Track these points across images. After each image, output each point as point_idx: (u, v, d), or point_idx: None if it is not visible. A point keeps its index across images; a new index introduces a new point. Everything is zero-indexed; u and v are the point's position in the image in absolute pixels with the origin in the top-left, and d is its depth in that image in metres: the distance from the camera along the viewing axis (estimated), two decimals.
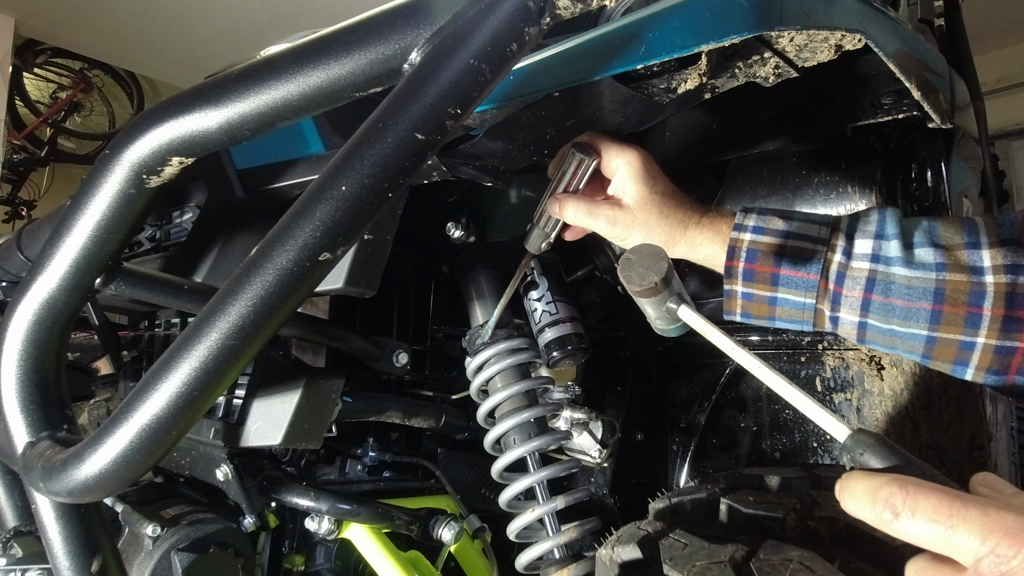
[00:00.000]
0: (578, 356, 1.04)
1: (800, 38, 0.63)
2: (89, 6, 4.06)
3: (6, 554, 0.85)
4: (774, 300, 0.70)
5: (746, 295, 0.71)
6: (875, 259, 0.65)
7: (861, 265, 0.66)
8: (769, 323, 0.73)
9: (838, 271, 0.67)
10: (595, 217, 0.76)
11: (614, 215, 0.75)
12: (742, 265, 0.70)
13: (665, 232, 0.74)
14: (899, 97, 0.83)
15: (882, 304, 0.64)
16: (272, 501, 0.94)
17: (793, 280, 0.68)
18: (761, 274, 0.70)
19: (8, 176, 4.87)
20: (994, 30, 4.55)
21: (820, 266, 0.67)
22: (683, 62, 0.65)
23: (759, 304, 0.71)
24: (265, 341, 0.49)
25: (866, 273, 0.65)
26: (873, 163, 1.01)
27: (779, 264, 0.69)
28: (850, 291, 0.66)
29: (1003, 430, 1.04)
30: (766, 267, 0.69)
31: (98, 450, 0.50)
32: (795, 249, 0.68)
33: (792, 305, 0.70)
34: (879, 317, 0.65)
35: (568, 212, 0.77)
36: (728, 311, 0.74)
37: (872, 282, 0.65)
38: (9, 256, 0.95)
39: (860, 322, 0.66)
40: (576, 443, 1.18)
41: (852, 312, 0.66)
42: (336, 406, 0.90)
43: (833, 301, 0.67)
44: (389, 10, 0.50)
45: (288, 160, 0.83)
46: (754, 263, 0.70)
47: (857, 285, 0.65)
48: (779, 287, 0.69)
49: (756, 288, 0.70)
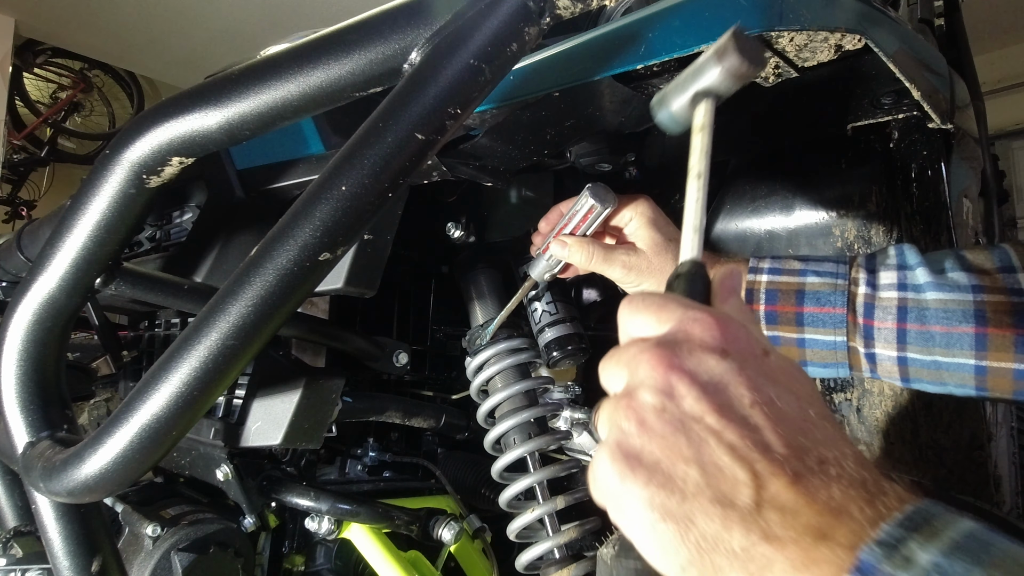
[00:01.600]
0: (578, 356, 1.04)
1: (800, 38, 0.63)
2: (89, 6, 4.06)
3: (6, 554, 0.85)
4: (802, 342, 0.66)
5: (772, 339, 0.67)
6: (903, 287, 0.61)
7: (889, 295, 0.61)
8: None
9: (865, 303, 0.62)
10: (611, 263, 0.74)
11: (630, 261, 0.74)
12: (763, 308, 0.67)
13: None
14: (899, 97, 0.83)
15: (920, 333, 0.59)
16: (272, 501, 0.94)
17: (819, 317, 0.64)
18: (784, 315, 0.66)
19: (8, 176, 4.87)
20: (994, 30, 4.55)
21: (845, 299, 0.63)
22: (683, 62, 0.65)
23: (787, 348, 0.66)
24: (265, 341, 0.49)
25: (896, 302, 0.61)
26: (873, 163, 1.01)
27: (802, 302, 0.65)
28: (882, 322, 0.61)
29: (1003, 430, 1.04)
30: (789, 307, 0.66)
31: (98, 450, 0.50)
32: (816, 285, 0.65)
33: (822, 345, 0.65)
34: (919, 348, 0.59)
35: (582, 256, 0.75)
36: None
37: (904, 310, 0.60)
38: (9, 256, 0.95)
39: (900, 357, 0.61)
40: (576, 443, 1.18)
41: (888, 346, 0.61)
42: (336, 406, 0.90)
43: (865, 336, 0.62)
44: (389, 10, 0.50)
45: (288, 160, 0.83)
46: (775, 304, 0.66)
47: (888, 315, 0.61)
48: (805, 327, 0.65)
49: (782, 331, 0.66)
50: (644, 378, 0.33)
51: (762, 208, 1.11)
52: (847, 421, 1.08)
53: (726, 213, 1.15)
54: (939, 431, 0.99)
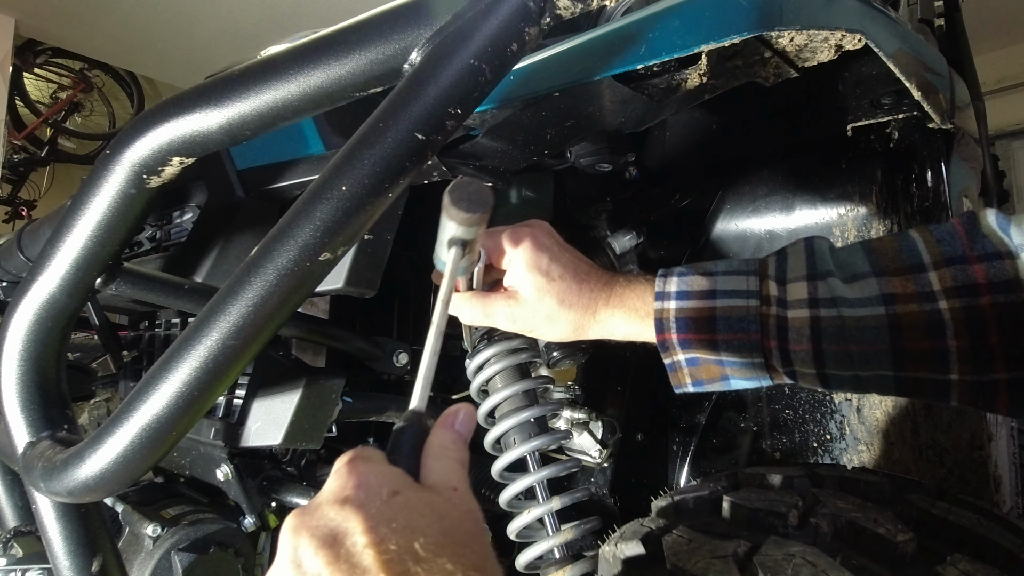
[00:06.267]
0: (578, 356, 1.04)
1: (800, 38, 0.63)
2: (89, 6, 4.06)
3: (6, 554, 0.85)
4: (721, 363, 0.62)
5: (691, 360, 0.64)
6: (813, 304, 0.57)
7: (800, 313, 0.58)
8: (724, 385, 0.64)
9: (778, 325, 0.59)
10: (492, 316, 0.69)
11: (512, 312, 0.67)
12: (675, 337, 0.63)
13: (572, 321, 0.66)
14: (899, 97, 0.83)
15: (836, 353, 0.56)
16: (272, 501, 0.94)
17: (734, 343, 0.60)
18: (699, 342, 0.62)
19: (8, 176, 4.87)
20: (994, 30, 4.55)
21: (758, 324, 0.59)
22: (683, 62, 0.65)
23: (708, 367, 0.63)
24: (265, 341, 0.49)
25: (808, 322, 0.57)
26: (873, 163, 1.01)
27: (714, 330, 0.61)
28: (797, 344, 0.58)
29: (1003, 430, 1.04)
30: (702, 335, 0.62)
31: (98, 450, 0.50)
32: (727, 311, 0.61)
33: (742, 366, 0.61)
34: (838, 366, 0.57)
35: (464, 314, 0.70)
36: (678, 385, 0.66)
37: (819, 332, 0.57)
38: (9, 256, 0.95)
39: (819, 374, 0.58)
40: (576, 443, 1.18)
41: (807, 365, 0.58)
42: (336, 406, 0.90)
43: (782, 357, 0.59)
44: (389, 10, 0.50)
45: (288, 160, 0.83)
46: (687, 333, 0.62)
47: (803, 337, 0.57)
48: (722, 352, 0.61)
49: (699, 353, 0.63)
50: (281, 548, 0.37)
51: (762, 208, 1.11)
52: (847, 421, 1.08)
53: (726, 213, 1.15)
54: (939, 431, 0.99)
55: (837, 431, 1.09)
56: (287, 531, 0.37)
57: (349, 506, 0.36)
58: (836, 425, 1.09)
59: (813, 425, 1.12)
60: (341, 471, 0.39)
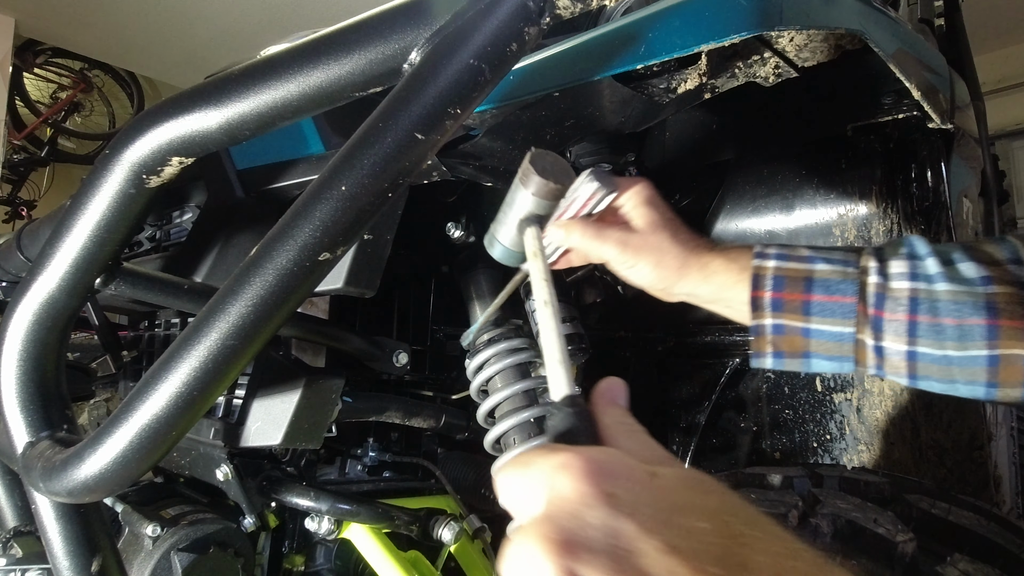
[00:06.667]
0: (578, 356, 1.04)
1: (800, 38, 0.63)
2: (89, 6, 4.06)
3: (6, 554, 0.85)
4: (808, 332, 0.63)
5: (776, 328, 0.65)
6: (914, 277, 0.59)
7: (901, 284, 0.59)
8: (804, 364, 0.65)
9: (876, 293, 0.60)
10: (604, 240, 0.70)
11: (626, 238, 0.69)
12: (769, 295, 0.64)
13: (678, 256, 0.68)
14: (899, 97, 0.83)
15: (931, 326, 0.58)
16: (272, 501, 0.94)
17: (828, 307, 0.62)
18: (791, 303, 0.63)
19: (8, 176, 4.87)
20: (994, 30, 4.55)
21: (856, 287, 0.61)
22: (683, 62, 0.65)
23: (792, 338, 0.64)
24: (265, 341, 0.49)
25: (907, 292, 0.59)
26: (873, 163, 1.01)
27: (810, 290, 0.62)
28: (893, 314, 0.59)
29: (1003, 430, 1.04)
30: (796, 295, 0.63)
31: (98, 450, 0.50)
32: (826, 273, 0.63)
33: (829, 337, 0.62)
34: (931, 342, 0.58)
35: (575, 235, 0.71)
36: (757, 353, 0.67)
37: (916, 301, 0.58)
38: (9, 256, 0.95)
39: (909, 352, 0.59)
40: None
41: (899, 339, 0.59)
42: (336, 406, 0.90)
43: (875, 328, 0.60)
44: (389, 10, 0.50)
45: (288, 160, 0.83)
46: (782, 291, 0.63)
47: (900, 307, 0.59)
48: (812, 316, 0.62)
49: (787, 319, 0.64)
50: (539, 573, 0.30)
51: (762, 208, 1.11)
52: (847, 421, 1.08)
53: (726, 213, 1.15)
54: (939, 431, 0.99)
55: (837, 431, 1.09)
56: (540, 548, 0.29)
57: (618, 505, 0.30)
58: (836, 425, 1.09)
59: (813, 425, 1.12)
60: (571, 466, 0.32)
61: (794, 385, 1.14)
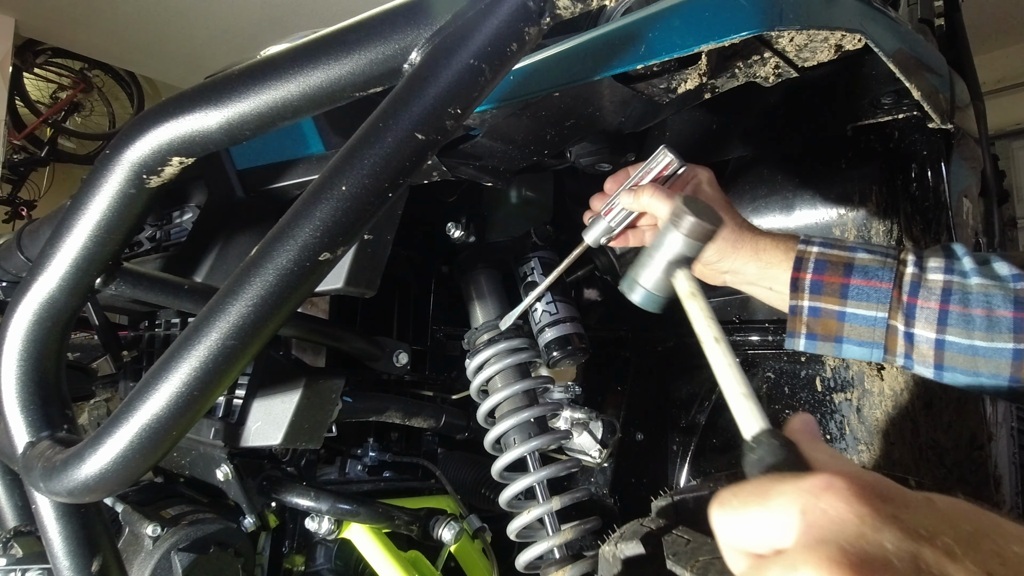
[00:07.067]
0: (578, 356, 1.04)
1: (800, 38, 0.63)
2: (89, 6, 4.06)
3: (6, 554, 0.85)
4: (843, 315, 0.67)
5: (813, 310, 0.68)
6: (949, 271, 0.63)
7: (936, 276, 0.63)
8: (836, 348, 0.69)
9: (912, 281, 0.64)
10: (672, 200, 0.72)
11: None
12: (810, 277, 0.68)
13: (734, 231, 0.73)
14: (899, 97, 0.83)
15: (961, 315, 0.61)
16: (272, 501, 0.94)
17: (864, 291, 0.65)
18: (830, 286, 0.67)
19: (8, 176, 4.87)
20: (994, 30, 4.55)
21: (892, 275, 0.64)
22: (683, 62, 0.65)
23: (826, 321, 0.68)
24: (265, 341, 0.49)
25: (941, 284, 0.62)
26: (873, 163, 1.01)
27: (849, 274, 0.66)
28: (925, 302, 0.62)
29: (1003, 430, 1.04)
30: (836, 278, 0.66)
31: (98, 450, 0.50)
32: (865, 260, 0.66)
33: (862, 321, 0.66)
34: (959, 331, 0.61)
35: (644, 196, 0.74)
36: (792, 333, 0.71)
37: (948, 292, 0.62)
38: (9, 256, 0.95)
39: (938, 339, 0.62)
40: (576, 443, 1.18)
41: (929, 327, 0.62)
42: (336, 406, 0.90)
43: (907, 315, 0.64)
44: (389, 10, 0.50)
45: (288, 160, 0.83)
46: (823, 274, 0.67)
47: (933, 296, 0.62)
48: (848, 300, 0.66)
49: (824, 302, 0.67)
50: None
51: (762, 208, 1.11)
52: (847, 421, 1.08)
53: None
54: (939, 431, 0.99)
55: (837, 431, 1.09)
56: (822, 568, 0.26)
57: (905, 527, 0.27)
58: (836, 425, 1.09)
59: None
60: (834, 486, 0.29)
61: (794, 385, 1.14)
